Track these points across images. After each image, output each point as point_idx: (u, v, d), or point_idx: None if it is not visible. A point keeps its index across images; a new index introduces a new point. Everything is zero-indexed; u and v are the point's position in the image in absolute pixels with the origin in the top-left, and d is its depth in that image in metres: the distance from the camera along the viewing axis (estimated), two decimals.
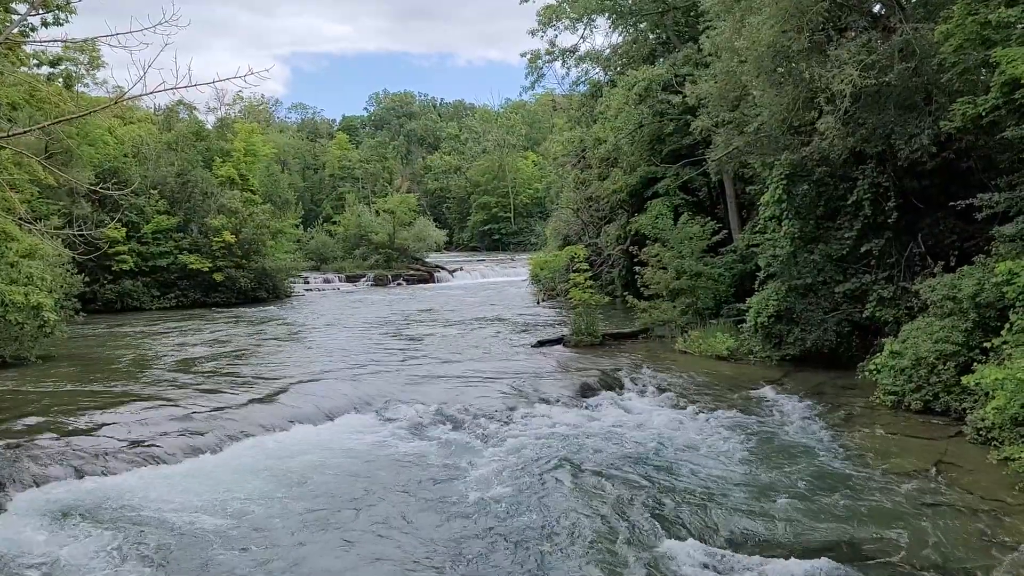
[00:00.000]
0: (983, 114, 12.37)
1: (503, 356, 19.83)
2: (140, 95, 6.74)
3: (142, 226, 35.18)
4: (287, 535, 8.88)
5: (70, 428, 12.52)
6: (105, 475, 10.80)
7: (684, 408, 14.32)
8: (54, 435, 12.03)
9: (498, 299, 37.17)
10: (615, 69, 30.14)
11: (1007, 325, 11.16)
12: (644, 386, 16.03)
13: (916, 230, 15.80)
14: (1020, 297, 11.02)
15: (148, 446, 11.80)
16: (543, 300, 34.16)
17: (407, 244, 53.58)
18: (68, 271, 22.43)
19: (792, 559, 7.93)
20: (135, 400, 14.77)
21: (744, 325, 18.31)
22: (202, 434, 12.50)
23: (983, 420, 11.00)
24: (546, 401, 14.98)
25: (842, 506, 9.41)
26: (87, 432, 12.27)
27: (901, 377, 13.30)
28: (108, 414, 13.49)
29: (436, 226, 65.76)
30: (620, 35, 30.33)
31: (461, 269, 54.98)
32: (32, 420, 13.13)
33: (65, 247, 21.02)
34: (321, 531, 9.03)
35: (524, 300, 35.98)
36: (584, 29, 30.72)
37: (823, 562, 7.82)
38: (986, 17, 11.79)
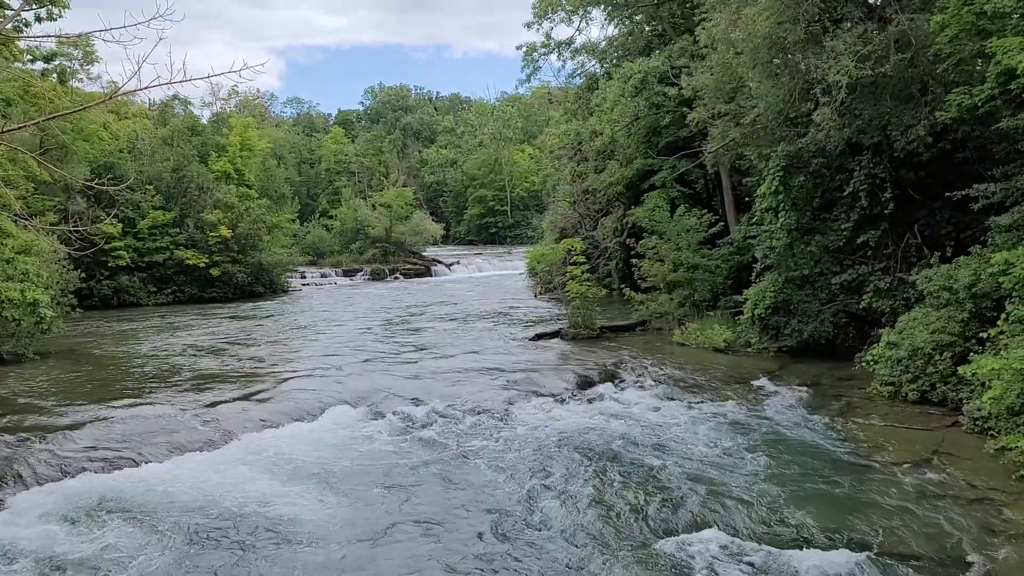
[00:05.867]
0: (979, 104, 12.39)
1: (500, 350, 19.85)
2: (135, 90, 6.72)
3: (138, 221, 35.10)
4: (274, 528, 8.90)
5: (65, 425, 12.50)
6: (102, 472, 10.80)
7: (682, 400, 14.33)
8: (51, 432, 12.02)
9: (495, 292, 37.16)
10: (611, 61, 30.06)
11: (1003, 315, 11.19)
12: (642, 378, 16.06)
13: (912, 221, 15.81)
14: (1016, 287, 11.04)
15: (145, 442, 11.80)
16: (540, 293, 34.16)
17: (404, 238, 53.53)
18: (64, 267, 22.40)
19: (792, 549, 7.97)
20: (131, 396, 14.77)
21: (741, 317, 18.33)
22: (197, 431, 12.50)
23: (979, 410, 11.05)
24: (543, 394, 15.00)
25: (840, 496, 9.44)
26: (83, 429, 12.26)
27: (898, 368, 13.33)
28: (105, 410, 13.49)
29: (433, 220, 65.80)
30: (616, 27, 30.26)
31: (458, 263, 54.99)
32: (30, 417, 13.13)
33: (61, 243, 20.97)
34: (310, 526, 9.04)
35: (521, 293, 35.99)
36: (580, 21, 30.65)
37: (822, 552, 7.85)
38: (981, 7, 11.78)
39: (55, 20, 23.12)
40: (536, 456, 11.31)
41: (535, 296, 34.06)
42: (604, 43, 30.75)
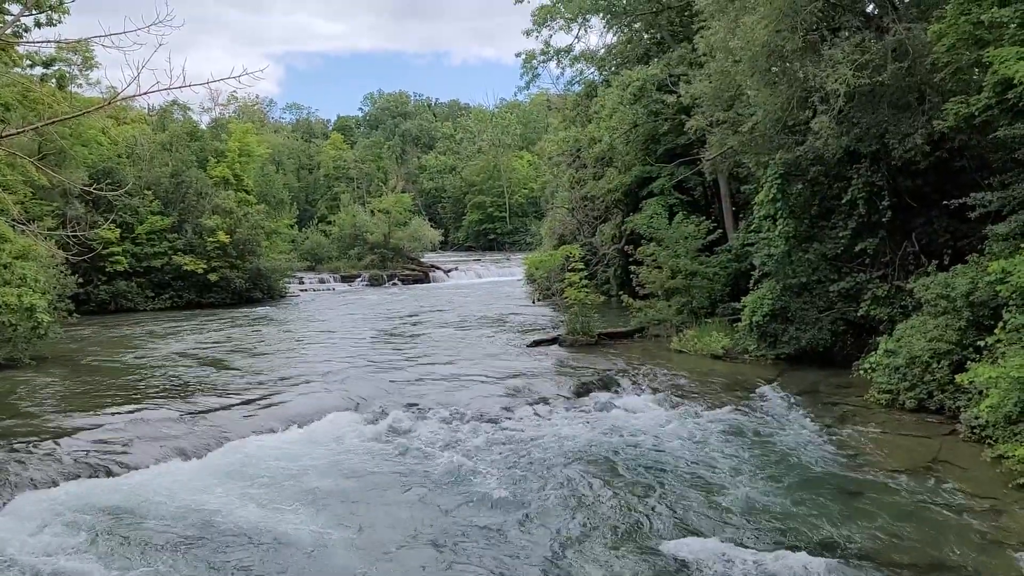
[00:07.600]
0: (976, 114, 12.42)
1: (498, 356, 19.82)
2: (134, 95, 6.70)
3: (136, 227, 35.06)
4: (261, 536, 8.87)
5: (59, 430, 12.47)
6: (95, 478, 10.76)
7: (679, 407, 14.32)
8: (45, 437, 11.99)
9: (493, 299, 37.15)
10: (610, 69, 30.18)
11: (1000, 324, 11.20)
12: (640, 385, 16.05)
13: (910, 229, 15.84)
14: (1013, 296, 11.05)
15: (139, 449, 11.77)
16: (538, 300, 34.13)
17: (402, 244, 53.51)
18: (61, 272, 22.35)
19: (790, 556, 7.95)
20: (127, 403, 14.73)
21: (739, 324, 18.34)
22: (192, 438, 12.45)
23: (977, 418, 11.06)
24: (541, 401, 14.98)
25: (837, 504, 9.43)
26: (78, 435, 12.21)
27: (895, 376, 13.34)
28: (100, 416, 13.45)
29: (431, 226, 65.75)
30: (614, 35, 30.39)
31: (456, 269, 54.95)
32: (24, 422, 13.09)
33: (58, 248, 20.91)
34: (303, 536, 9.01)
35: (519, 300, 35.97)
36: (578, 29, 30.82)
37: (819, 560, 7.84)
38: (979, 17, 11.83)
39: (54, 25, 23.15)
40: (533, 463, 11.29)
41: (533, 302, 34.02)
42: (603, 51, 30.89)
